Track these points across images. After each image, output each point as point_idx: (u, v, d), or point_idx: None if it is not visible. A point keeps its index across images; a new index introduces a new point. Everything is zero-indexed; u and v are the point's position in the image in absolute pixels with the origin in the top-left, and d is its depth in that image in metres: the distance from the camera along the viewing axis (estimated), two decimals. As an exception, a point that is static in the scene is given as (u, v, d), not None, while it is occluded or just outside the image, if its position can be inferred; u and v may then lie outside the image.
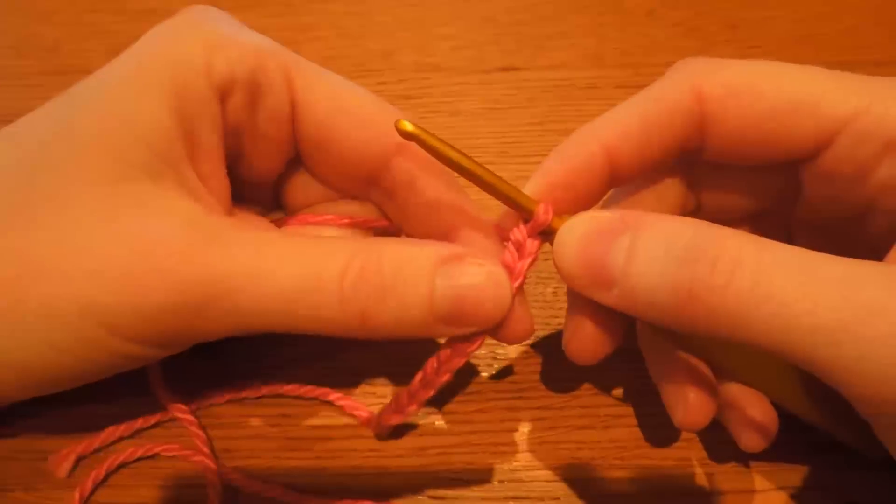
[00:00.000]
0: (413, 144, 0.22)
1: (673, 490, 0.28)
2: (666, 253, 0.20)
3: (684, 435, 0.29)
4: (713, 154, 0.25)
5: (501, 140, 0.39)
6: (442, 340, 0.25)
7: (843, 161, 0.23)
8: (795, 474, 0.28)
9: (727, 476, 0.28)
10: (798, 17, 0.46)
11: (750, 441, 0.26)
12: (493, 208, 0.25)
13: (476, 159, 0.22)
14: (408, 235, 0.27)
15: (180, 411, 0.28)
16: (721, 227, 0.20)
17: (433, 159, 0.23)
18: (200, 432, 0.28)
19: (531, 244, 0.24)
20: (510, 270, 0.24)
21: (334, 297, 0.22)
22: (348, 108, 0.25)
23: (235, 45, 0.24)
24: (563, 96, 0.42)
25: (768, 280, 0.19)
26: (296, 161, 0.27)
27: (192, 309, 0.22)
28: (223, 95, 0.24)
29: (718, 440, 0.28)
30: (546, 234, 0.24)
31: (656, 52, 0.44)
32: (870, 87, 0.23)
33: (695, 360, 0.26)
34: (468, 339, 0.24)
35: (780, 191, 0.26)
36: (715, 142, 0.24)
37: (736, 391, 0.26)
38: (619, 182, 0.25)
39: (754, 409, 0.26)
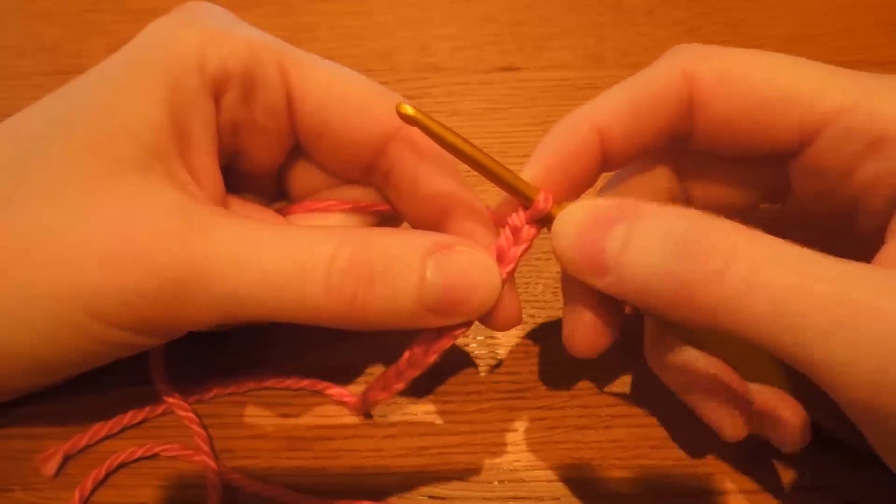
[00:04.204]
0: (410, 129, 0.22)
1: (673, 490, 0.28)
2: (661, 243, 0.20)
3: (684, 435, 0.29)
4: (701, 142, 0.25)
5: (502, 140, 0.39)
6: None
7: (827, 156, 0.23)
8: (795, 474, 0.28)
9: (727, 476, 0.28)
10: (798, 17, 0.46)
11: (791, 441, 0.25)
12: (495, 196, 0.25)
13: (477, 145, 0.22)
14: (406, 220, 0.27)
15: (182, 409, 0.28)
16: (718, 218, 0.20)
17: (430, 144, 0.23)
18: (201, 431, 0.28)
19: (528, 231, 0.24)
20: (504, 255, 0.24)
21: (321, 284, 0.22)
22: (344, 95, 0.25)
23: (228, 39, 0.24)
24: (563, 96, 0.42)
25: (762, 275, 0.19)
26: (297, 150, 0.27)
27: (173, 293, 0.22)
28: (218, 91, 0.24)
29: (718, 440, 0.28)
30: (543, 222, 0.24)
31: (656, 52, 0.43)
32: (861, 84, 0.23)
33: (721, 367, 0.25)
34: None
35: (769, 187, 0.26)
36: (703, 128, 0.24)
37: (762, 393, 0.26)
38: (611, 166, 0.25)
39: (786, 409, 0.26)
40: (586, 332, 0.25)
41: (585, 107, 0.25)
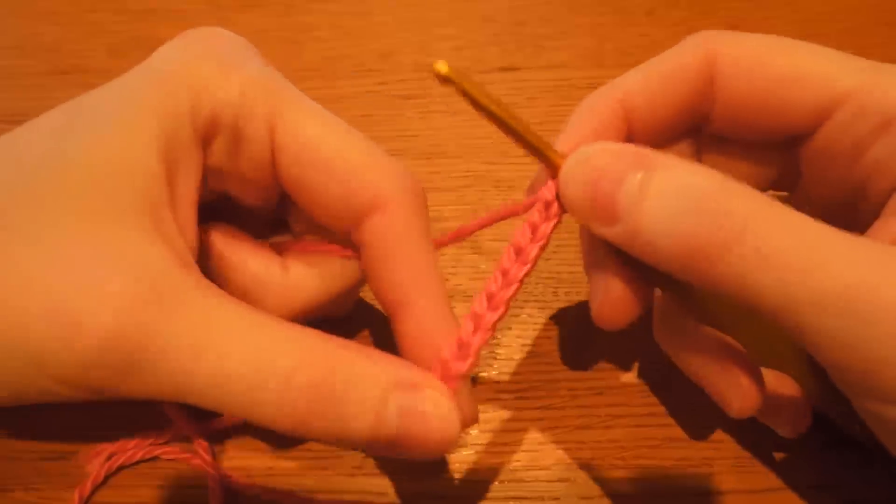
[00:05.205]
0: (387, 210, 0.22)
1: (673, 490, 0.28)
2: (678, 199, 0.19)
3: (684, 435, 0.29)
4: (719, 122, 0.25)
5: (501, 140, 0.39)
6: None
7: (839, 136, 0.23)
8: (796, 473, 0.28)
9: (727, 476, 0.28)
10: (798, 17, 0.46)
11: (789, 425, 0.26)
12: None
13: (512, 109, 0.22)
14: (369, 284, 0.26)
15: (183, 420, 0.28)
16: (738, 183, 0.20)
17: (408, 227, 0.23)
18: (202, 440, 0.28)
19: (558, 206, 0.23)
20: (535, 230, 0.23)
21: (275, 398, 0.20)
22: (327, 162, 0.24)
23: (223, 87, 0.24)
24: (563, 96, 0.42)
25: (774, 245, 0.19)
26: None
27: (125, 370, 0.21)
28: (207, 138, 0.24)
29: (718, 440, 0.28)
30: None
31: (656, 52, 0.43)
32: (876, 69, 0.23)
33: (731, 342, 0.25)
34: None
35: (779, 174, 0.26)
36: (722, 106, 0.25)
37: (766, 377, 0.26)
38: (636, 141, 0.25)
39: (788, 393, 0.26)
40: (617, 304, 0.24)
41: (611, 83, 0.25)
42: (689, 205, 0.19)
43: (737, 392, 0.24)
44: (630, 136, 0.25)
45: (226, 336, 0.21)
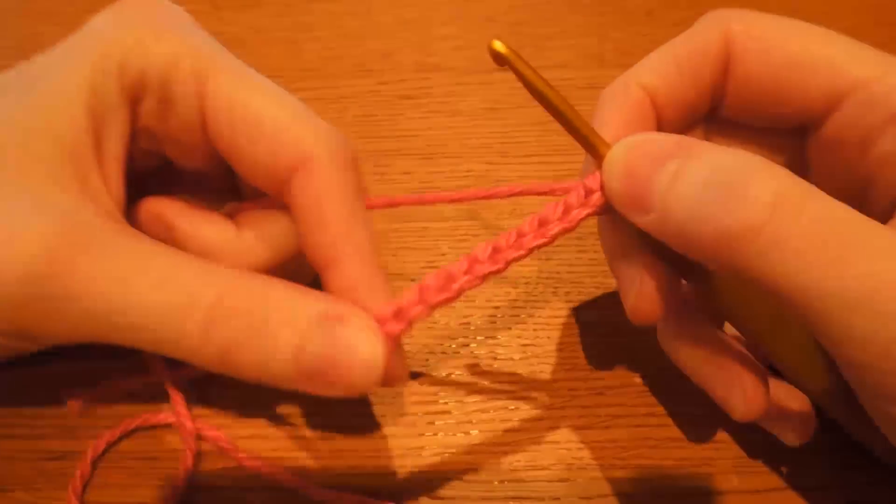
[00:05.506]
0: (315, 166, 0.22)
1: (673, 490, 0.28)
2: (708, 184, 0.19)
3: (684, 435, 0.29)
4: (731, 106, 0.25)
5: (501, 140, 0.39)
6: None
7: (848, 126, 0.23)
8: (796, 474, 0.28)
9: (727, 476, 0.28)
10: (798, 17, 0.46)
11: (792, 434, 0.26)
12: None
13: (565, 98, 0.22)
14: (301, 244, 0.25)
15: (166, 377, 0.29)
16: (771, 165, 0.20)
17: (331, 184, 0.23)
18: (177, 393, 0.28)
19: (598, 197, 0.23)
20: (567, 211, 0.23)
21: (198, 328, 0.20)
22: (252, 122, 0.24)
23: (152, 47, 0.24)
24: (563, 96, 0.42)
25: (801, 233, 0.18)
26: None
27: (48, 307, 0.21)
28: (135, 99, 0.24)
29: (718, 440, 0.28)
30: None
31: None
32: (888, 60, 0.23)
33: (735, 344, 0.25)
34: None
35: (789, 164, 0.26)
36: (735, 88, 0.25)
37: (774, 387, 0.26)
38: (663, 127, 0.25)
39: (794, 401, 0.25)
40: (651, 298, 0.24)
41: (631, 70, 0.25)
42: (716, 188, 0.19)
43: (741, 395, 0.24)
44: (659, 123, 0.25)
45: (151, 271, 0.21)
